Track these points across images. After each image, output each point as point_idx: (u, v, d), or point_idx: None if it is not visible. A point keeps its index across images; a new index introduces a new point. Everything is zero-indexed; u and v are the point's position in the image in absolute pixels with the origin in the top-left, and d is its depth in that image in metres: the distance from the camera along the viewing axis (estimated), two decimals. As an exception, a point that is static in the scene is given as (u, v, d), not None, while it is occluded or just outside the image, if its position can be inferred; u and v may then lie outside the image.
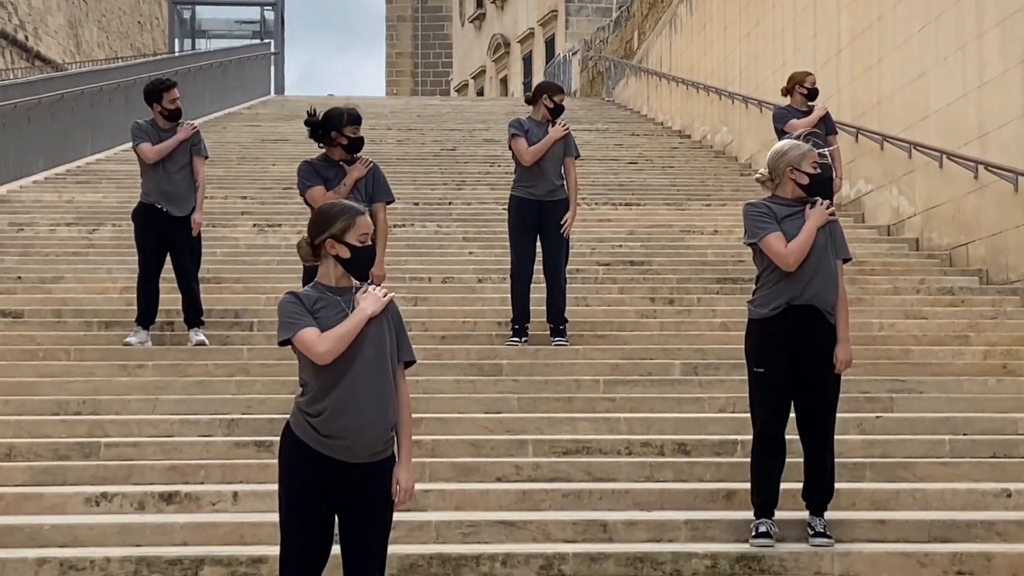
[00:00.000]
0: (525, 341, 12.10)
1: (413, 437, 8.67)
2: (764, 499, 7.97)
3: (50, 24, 49.68)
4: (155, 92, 11.97)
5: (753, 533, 7.91)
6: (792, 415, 8.08)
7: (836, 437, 9.75)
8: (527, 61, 43.05)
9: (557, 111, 12.33)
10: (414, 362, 6.22)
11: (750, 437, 9.20)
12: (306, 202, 10.55)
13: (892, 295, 14.20)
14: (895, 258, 15.95)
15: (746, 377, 8.20)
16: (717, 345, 12.20)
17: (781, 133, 13.98)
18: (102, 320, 12.64)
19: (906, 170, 17.22)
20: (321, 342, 5.84)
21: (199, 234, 12.05)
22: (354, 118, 10.39)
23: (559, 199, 12.22)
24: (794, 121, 13.79)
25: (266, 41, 37.44)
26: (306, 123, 10.32)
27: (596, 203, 19.26)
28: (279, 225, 17.15)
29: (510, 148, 12.38)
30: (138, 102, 27.29)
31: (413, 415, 6.08)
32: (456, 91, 49.98)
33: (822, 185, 7.90)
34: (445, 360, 11.74)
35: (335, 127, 10.31)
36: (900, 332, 12.77)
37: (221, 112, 31.05)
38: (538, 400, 10.71)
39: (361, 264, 6.01)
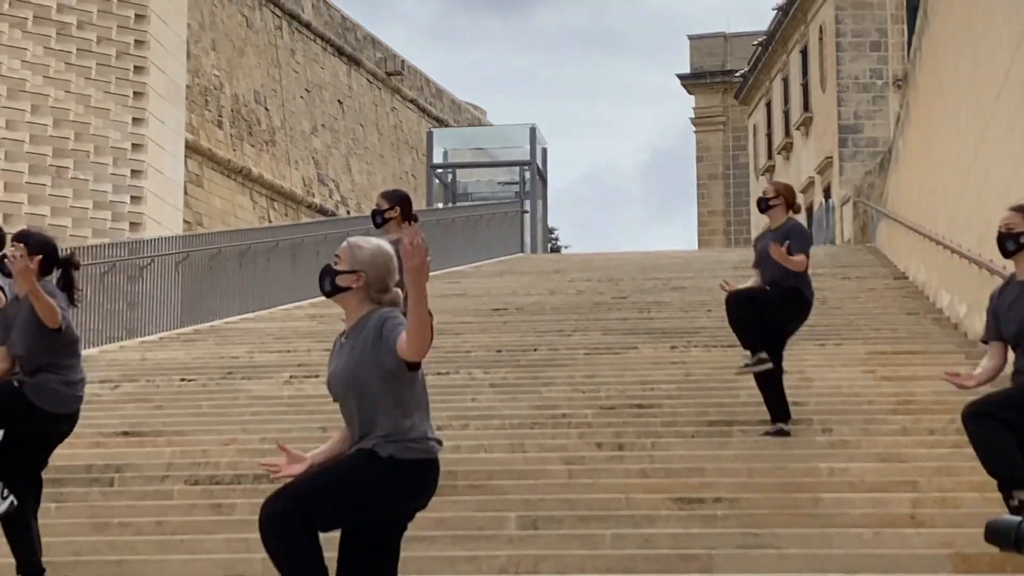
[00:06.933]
0: None
1: None
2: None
3: (374, 198, 50.59)
4: None
5: None
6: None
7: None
8: (809, 211, 41.06)
9: (373, 218, 11.05)
10: None
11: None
12: None
13: (884, 436, 12.05)
14: (943, 396, 13.66)
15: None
16: (597, 495, 10.45)
17: None
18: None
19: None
20: None
21: None
22: None
23: None
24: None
25: (515, 200, 36.82)
26: None
27: (695, 346, 17.48)
28: (316, 376, 16.14)
29: None
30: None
31: None
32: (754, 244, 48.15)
33: None
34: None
35: None
36: (843, 479, 10.69)
37: (442, 271, 30.42)
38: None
39: None
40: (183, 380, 16.04)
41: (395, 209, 10.98)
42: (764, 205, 12.24)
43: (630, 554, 8.99)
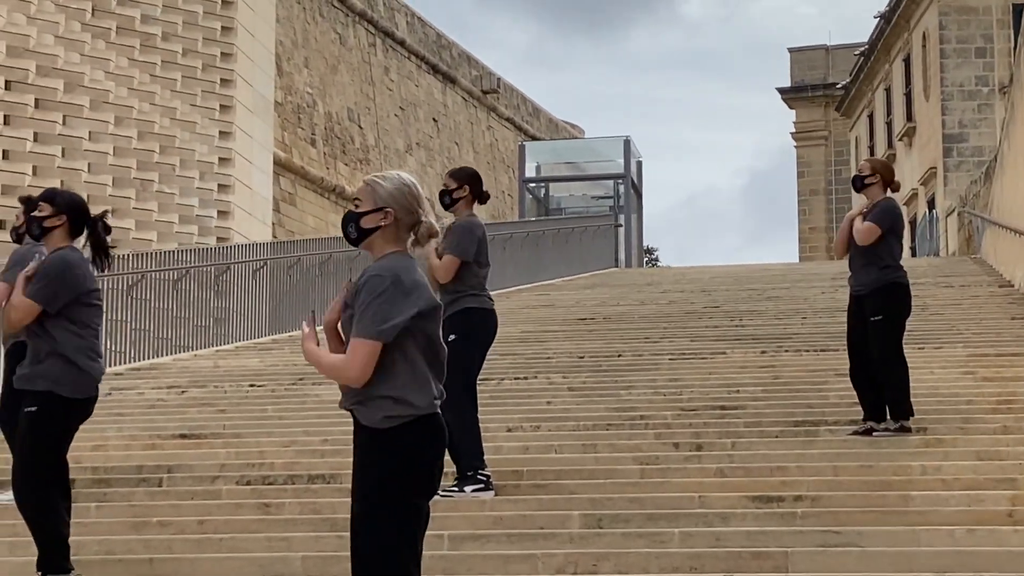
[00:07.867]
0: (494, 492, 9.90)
1: None
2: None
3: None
4: None
5: None
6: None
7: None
8: (913, 224, 39.92)
9: (441, 199, 10.31)
10: None
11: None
12: None
13: (982, 435, 11.22)
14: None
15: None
16: (668, 494, 9.73)
17: None
18: None
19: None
20: None
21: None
22: None
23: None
24: None
25: (609, 214, 36.05)
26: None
27: (786, 350, 16.69)
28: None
29: None
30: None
31: None
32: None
33: None
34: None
35: None
36: (936, 477, 9.90)
37: (532, 284, 29.76)
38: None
39: None
40: (252, 386, 15.54)
41: (464, 188, 10.26)
42: (859, 183, 11.46)
43: (698, 552, 8.26)
